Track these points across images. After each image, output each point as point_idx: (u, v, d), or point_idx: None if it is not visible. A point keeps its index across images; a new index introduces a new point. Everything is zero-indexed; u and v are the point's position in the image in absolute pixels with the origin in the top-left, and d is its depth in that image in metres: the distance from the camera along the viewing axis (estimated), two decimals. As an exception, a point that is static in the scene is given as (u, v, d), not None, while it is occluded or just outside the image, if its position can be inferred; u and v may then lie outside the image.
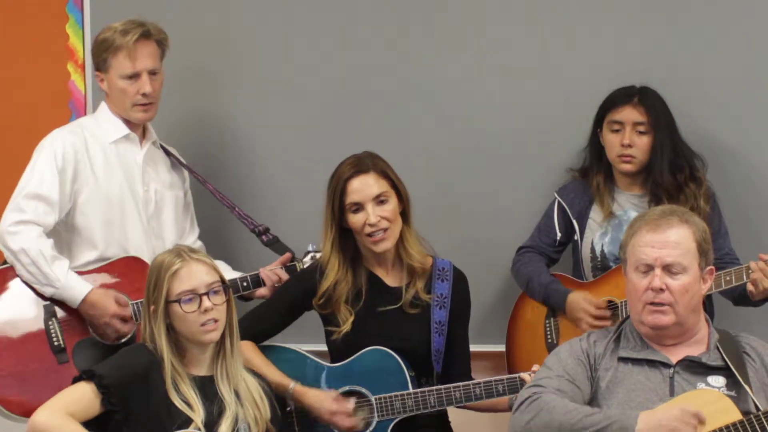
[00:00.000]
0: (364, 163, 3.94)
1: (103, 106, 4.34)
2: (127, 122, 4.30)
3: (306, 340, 4.15)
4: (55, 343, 4.12)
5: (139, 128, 4.34)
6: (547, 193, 4.51)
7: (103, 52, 4.25)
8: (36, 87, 4.84)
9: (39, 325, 4.13)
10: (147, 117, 4.30)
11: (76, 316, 4.15)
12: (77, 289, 4.11)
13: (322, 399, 3.90)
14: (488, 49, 4.64)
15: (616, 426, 3.34)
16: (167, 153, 4.45)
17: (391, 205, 3.92)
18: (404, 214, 3.97)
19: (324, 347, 4.07)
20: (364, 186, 3.90)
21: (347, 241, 3.97)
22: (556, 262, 4.51)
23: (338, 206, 3.92)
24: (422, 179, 4.51)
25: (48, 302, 4.14)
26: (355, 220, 3.91)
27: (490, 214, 4.66)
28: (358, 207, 3.91)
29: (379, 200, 3.91)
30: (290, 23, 4.76)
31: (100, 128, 4.29)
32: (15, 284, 4.15)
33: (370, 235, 3.91)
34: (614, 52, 4.54)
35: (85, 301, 4.11)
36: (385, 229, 3.91)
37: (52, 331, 4.12)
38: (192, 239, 4.46)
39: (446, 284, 4.01)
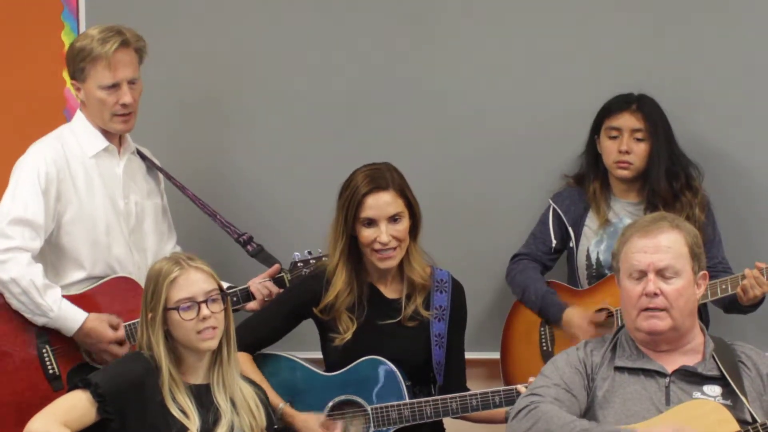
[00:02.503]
0: (384, 178, 3.91)
1: (80, 116, 4.24)
2: (105, 132, 4.22)
3: (299, 348, 4.14)
4: (50, 371, 4.07)
5: (116, 138, 4.26)
6: (543, 200, 4.52)
7: (80, 62, 4.14)
8: (31, 94, 4.83)
9: (32, 352, 4.08)
10: (126, 128, 4.22)
11: (69, 342, 4.10)
12: (72, 318, 4.06)
13: (309, 424, 3.89)
14: (484, 56, 4.64)
15: None
16: (142, 157, 4.37)
17: (404, 225, 3.91)
18: (413, 229, 3.96)
19: (318, 355, 4.06)
20: (382, 204, 3.88)
21: (353, 251, 3.96)
22: (550, 269, 4.51)
23: (352, 217, 3.90)
24: (416, 186, 4.48)
25: (40, 329, 4.07)
26: (366, 234, 3.90)
27: (485, 221, 4.66)
28: (371, 222, 3.90)
29: (393, 219, 3.90)
30: (280, 29, 4.74)
31: (79, 141, 4.21)
32: (6, 311, 4.08)
33: (377, 251, 3.90)
34: (611, 61, 4.55)
35: (81, 331, 4.06)
36: (394, 248, 3.90)
37: (46, 358, 4.08)
38: (171, 245, 4.42)
39: (445, 296, 4.00)
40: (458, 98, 4.67)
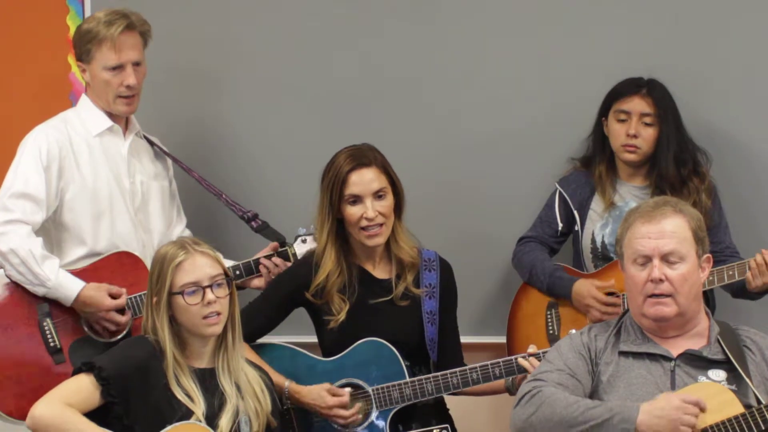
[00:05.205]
0: (366, 156, 3.94)
1: (85, 99, 4.30)
2: (110, 114, 4.27)
3: (297, 331, 4.16)
4: (51, 344, 4.08)
5: (122, 119, 4.30)
6: (548, 184, 4.51)
7: (87, 43, 4.20)
8: (36, 79, 4.83)
9: (33, 326, 4.09)
10: (129, 110, 4.27)
11: (70, 315, 4.12)
12: (69, 287, 4.07)
13: (317, 395, 3.91)
14: (489, 40, 4.63)
15: (617, 418, 3.35)
16: (150, 143, 4.42)
17: (388, 201, 3.94)
18: (397, 208, 3.98)
19: (315, 338, 4.07)
20: (366, 180, 3.91)
21: (340, 233, 3.98)
22: (556, 253, 4.52)
23: (337, 197, 3.92)
24: (422, 171, 4.51)
25: (41, 302, 4.10)
26: (352, 212, 3.92)
27: (490, 206, 4.66)
28: (357, 199, 3.92)
29: (378, 195, 3.92)
30: (280, 17, 4.74)
31: (83, 121, 4.25)
32: (6, 286, 4.11)
33: (364, 228, 3.92)
34: (619, 46, 4.54)
35: (78, 299, 4.08)
36: (381, 224, 3.92)
37: (47, 331, 4.08)
38: (180, 229, 4.44)
39: (434, 274, 4.02)
40: (465, 83, 4.65)
